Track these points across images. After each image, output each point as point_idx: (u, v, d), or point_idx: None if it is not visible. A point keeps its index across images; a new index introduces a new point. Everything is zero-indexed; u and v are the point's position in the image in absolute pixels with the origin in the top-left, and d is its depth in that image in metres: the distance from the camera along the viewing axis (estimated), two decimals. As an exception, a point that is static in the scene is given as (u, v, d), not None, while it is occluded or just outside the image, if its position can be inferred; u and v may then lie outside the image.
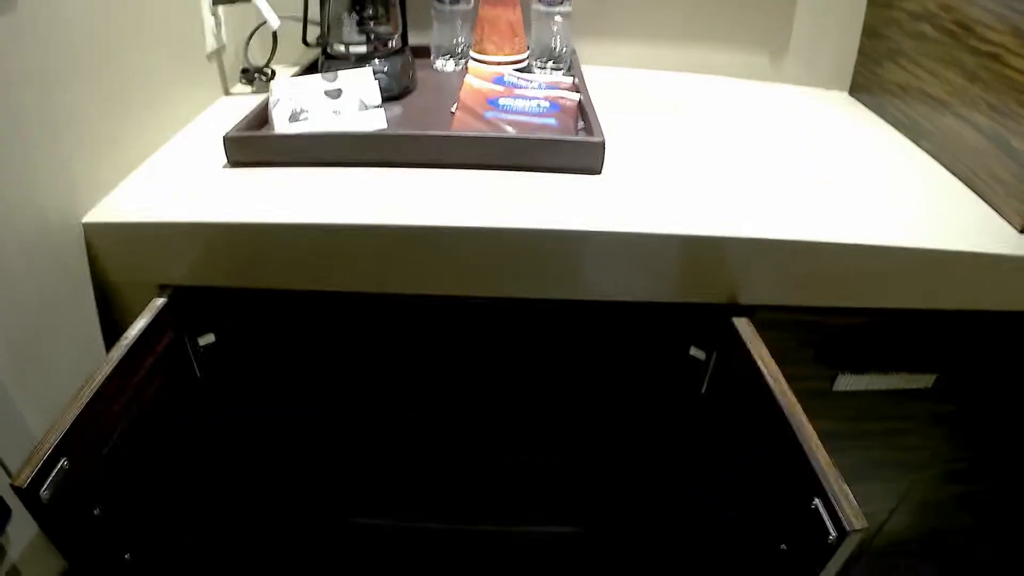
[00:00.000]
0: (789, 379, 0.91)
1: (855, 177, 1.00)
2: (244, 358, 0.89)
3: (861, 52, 1.37)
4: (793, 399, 0.73)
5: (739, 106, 1.23)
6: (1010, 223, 0.94)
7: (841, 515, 0.60)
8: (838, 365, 0.97)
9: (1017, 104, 0.94)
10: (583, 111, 0.97)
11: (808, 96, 1.34)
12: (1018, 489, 1.33)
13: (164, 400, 0.77)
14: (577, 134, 0.92)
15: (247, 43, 1.15)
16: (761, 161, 1.01)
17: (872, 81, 1.33)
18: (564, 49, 1.16)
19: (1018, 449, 1.23)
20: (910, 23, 1.21)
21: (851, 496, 0.63)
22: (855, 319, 0.91)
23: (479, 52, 1.13)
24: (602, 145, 0.87)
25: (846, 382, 0.97)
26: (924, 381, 1.00)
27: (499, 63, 1.12)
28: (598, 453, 1.04)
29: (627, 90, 1.23)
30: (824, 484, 0.64)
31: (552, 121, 0.92)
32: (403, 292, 0.81)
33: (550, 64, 1.16)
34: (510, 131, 0.90)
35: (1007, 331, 1.00)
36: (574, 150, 0.87)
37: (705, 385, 0.90)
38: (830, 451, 1.05)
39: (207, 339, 0.84)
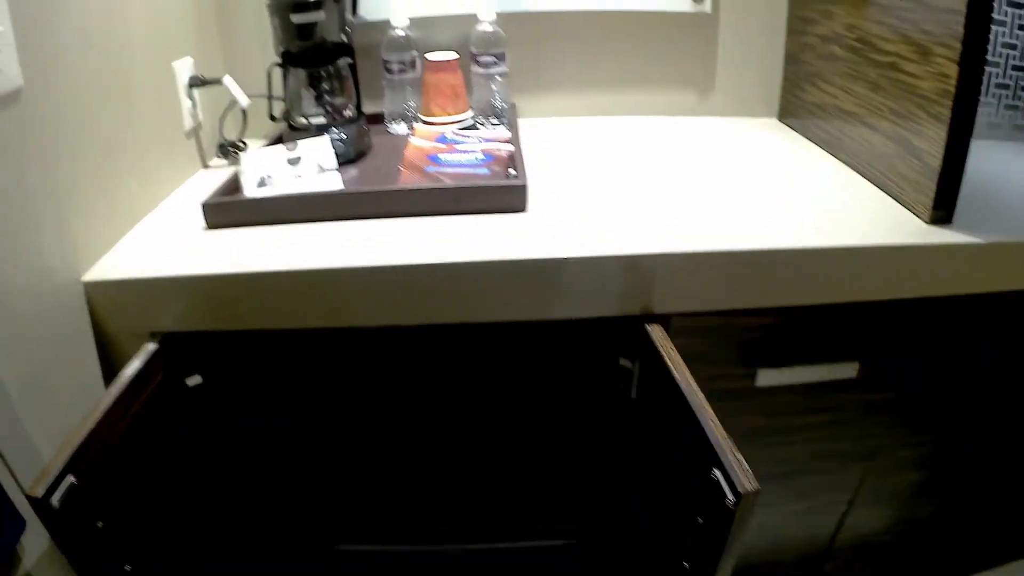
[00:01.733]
0: (711, 379, 0.99)
1: (777, 191, 1.10)
2: (230, 397, 1.00)
3: (785, 78, 1.48)
4: (696, 388, 0.82)
5: (670, 140, 1.35)
6: (919, 216, 1.03)
7: (735, 480, 0.68)
8: (757, 362, 1.06)
9: (915, 106, 1.02)
10: (513, 159, 1.10)
11: (738, 125, 1.45)
12: (970, 474, 1.37)
13: (158, 429, 0.89)
14: (506, 181, 1.05)
15: (221, 120, 1.29)
16: (687, 185, 1.12)
17: (796, 105, 1.43)
18: (503, 106, 1.30)
19: (958, 434, 1.27)
20: (822, 46, 1.31)
21: (744, 463, 0.70)
22: (768, 318, 1.01)
23: (426, 114, 1.28)
24: (523, 187, 1.00)
25: (767, 377, 1.06)
26: (848, 371, 1.08)
27: (444, 123, 1.26)
28: (549, 465, 1.13)
29: (562, 136, 1.36)
30: (720, 455, 0.71)
31: (485, 171, 1.06)
32: (367, 325, 0.93)
33: (491, 120, 1.30)
34: (448, 182, 1.03)
35: (922, 317, 1.07)
36: (500, 193, 1.00)
37: (634, 390, 1.01)
38: (766, 445, 1.14)
39: (194, 380, 0.96)
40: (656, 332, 0.93)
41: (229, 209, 0.99)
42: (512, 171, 1.08)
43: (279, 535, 1.17)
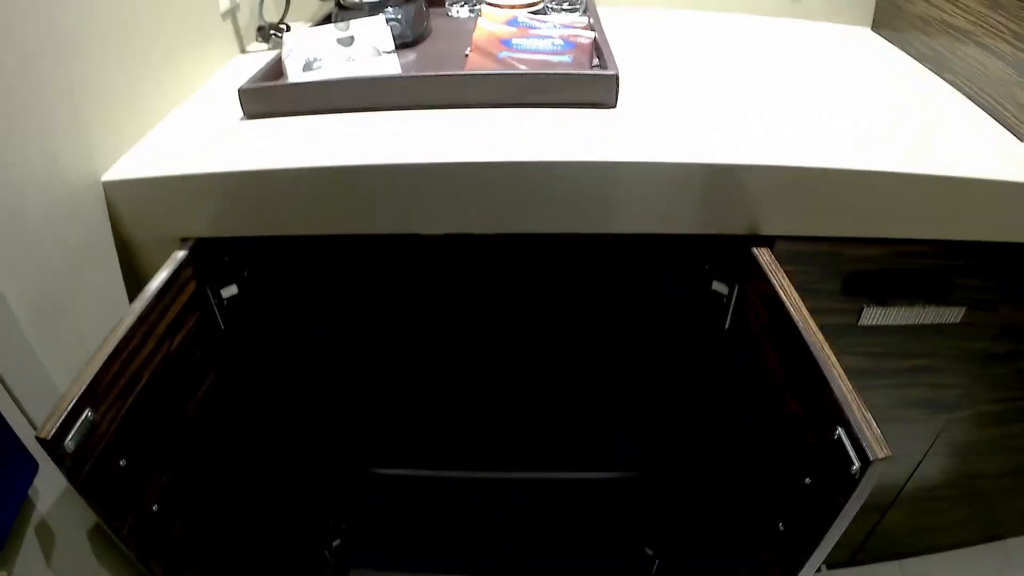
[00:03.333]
0: (812, 313, 0.88)
1: (877, 109, 0.96)
2: (267, 306, 0.89)
3: (882, -14, 1.31)
4: (815, 328, 0.71)
5: (758, 42, 1.19)
6: None
7: (864, 444, 0.58)
8: (863, 298, 0.94)
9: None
10: (598, 48, 0.94)
11: (829, 32, 1.28)
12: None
13: (188, 349, 0.77)
14: (592, 71, 0.89)
15: (261, 2, 1.14)
16: (780, 94, 0.97)
17: (894, 15, 1.28)
18: None
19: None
20: (930, -49, 1.14)
21: (875, 425, 0.60)
22: (877, 249, 0.88)
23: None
24: (616, 78, 0.84)
25: (872, 315, 0.93)
26: (952, 315, 0.96)
27: (513, 6, 1.09)
28: (625, 392, 1.03)
29: (644, 29, 1.20)
30: (847, 413, 0.61)
31: (567, 59, 0.90)
32: (425, 232, 0.80)
33: (565, 5, 1.12)
34: (525, 69, 0.88)
35: None
36: (588, 84, 0.84)
37: (728, 320, 0.88)
38: (857, 389, 1.02)
39: (230, 291, 0.84)
40: (764, 256, 0.79)
41: (270, 95, 0.85)
42: (597, 61, 0.92)
43: (311, 459, 1.09)
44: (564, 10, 1.12)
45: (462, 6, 1.16)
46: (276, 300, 0.89)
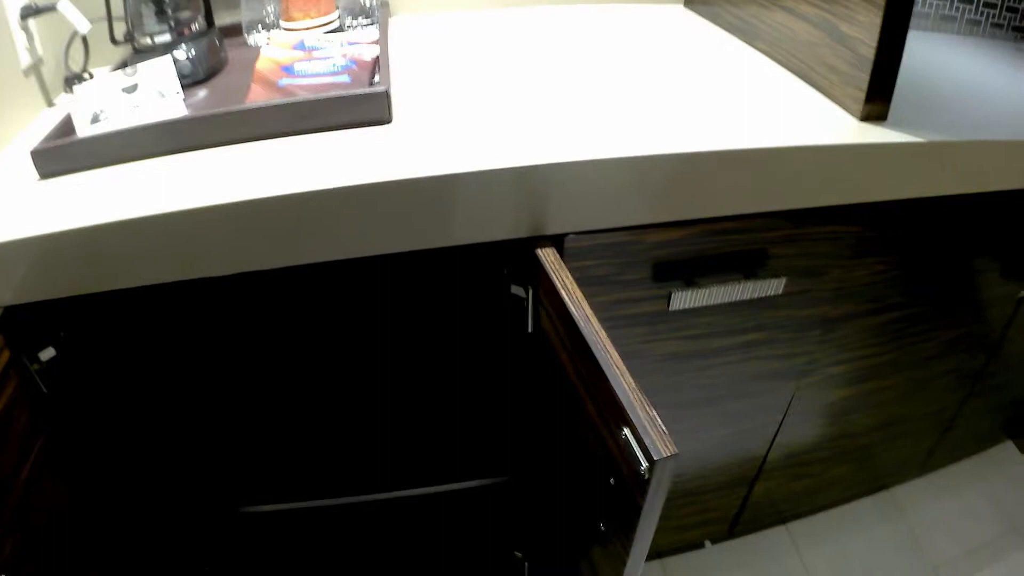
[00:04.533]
0: (624, 303, 0.91)
1: (689, 87, 1.00)
2: (91, 363, 0.90)
3: (691, -38, 1.35)
4: (598, 327, 0.74)
5: (566, 32, 1.22)
6: (849, 112, 0.95)
7: (649, 444, 0.60)
8: (676, 282, 0.98)
9: (843, -12, 0.93)
10: (378, 64, 0.97)
11: (641, 12, 1.33)
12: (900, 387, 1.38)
13: (9, 418, 0.79)
14: (364, 89, 0.93)
15: (66, 52, 1.14)
16: (585, 83, 1.00)
17: None
18: (372, 3, 1.16)
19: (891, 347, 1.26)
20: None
21: (659, 422, 0.63)
22: (682, 231, 0.92)
23: (287, 20, 1.13)
24: (384, 95, 0.88)
25: (682, 299, 0.97)
26: (773, 287, 1.01)
27: (308, 28, 1.12)
28: (458, 404, 1.06)
29: (444, 32, 1.22)
30: (631, 414, 0.63)
31: (346, 78, 0.94)
32: (226, 273, 0.82)
33: (361, 19, 1.16)
34: (304, 96, 0.91)
35: (855, 224, 1.01)
36: (358, 103, 0.88)
37: (531, 323, 0.92)
38: (690, 371, 1.08)
39: (48, 353, 0.86)
40: (549, 256, 0.83)
41: (59, 154, 0.87)
42: (378, 78, 0.96)
43: (176, 504, 1.09)
44: (361, 24, 1.16)
45: (259, 32, 1.18)
46: (101, 356, 0.91)
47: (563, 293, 0.78)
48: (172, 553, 1.13)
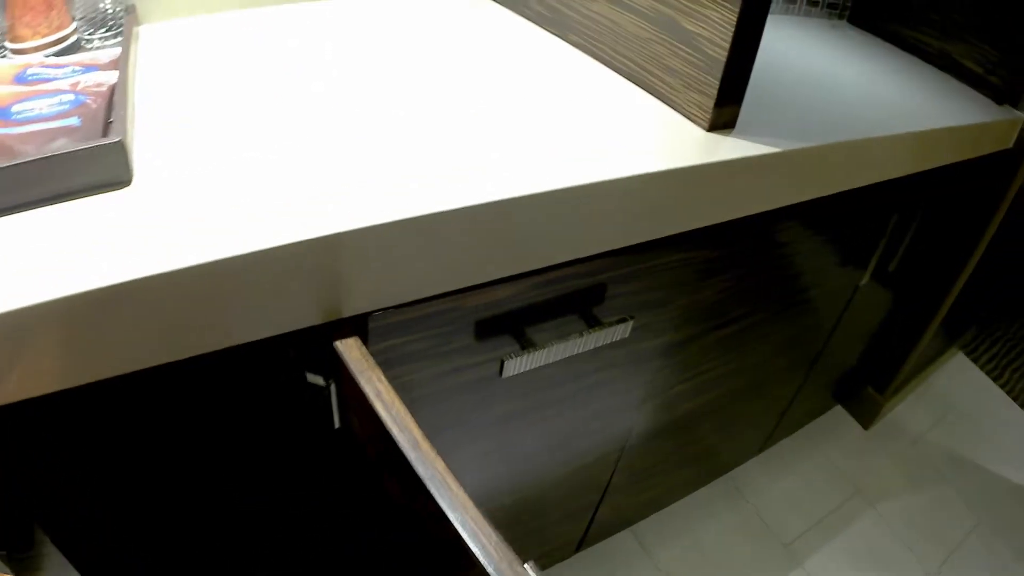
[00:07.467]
0: (452, 372, 0.77)
1: (497, 101, 0.83)
2: None
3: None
4: (428, 448, 0.58)
5: (351, 33, 1.00)
6: (693, 121, 0.83)
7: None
8: (503, 347, 0.83)
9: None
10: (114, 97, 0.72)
11: (432, 4, 1.12)
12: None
13: None
14: (89, 142, 0.66)
15: None
16: (374, 105, 0.81)
17: None
18: (116, 9, 0.89)
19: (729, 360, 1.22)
20: None
21: (505, 548, 0.52)
22: (507, 290, 0.77)
23: (14, 41, 0.83)
24: (119, 146, 0.64)
25: (516, 365, 0.82)
26: (619, 332, 0.89)
27: (37, 48, 0.84)
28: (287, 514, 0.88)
29: (204, 43, 0.93)
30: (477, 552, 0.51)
31: (75, 121, 0.69)
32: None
33: (100, 32, 0.88)
34: (25, 151, 0.65)
35: (704, 245, 0.91)
36: (84, 162, 0.63)
37: (337, 417, 0.74)
38: (528, 424, 0.93)
39: None
40: (352, 351, 0.65)
41: None
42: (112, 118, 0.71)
43: None
44: (101, 40, 0.89)
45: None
46: None
47: (378, 405, 0.61)
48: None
